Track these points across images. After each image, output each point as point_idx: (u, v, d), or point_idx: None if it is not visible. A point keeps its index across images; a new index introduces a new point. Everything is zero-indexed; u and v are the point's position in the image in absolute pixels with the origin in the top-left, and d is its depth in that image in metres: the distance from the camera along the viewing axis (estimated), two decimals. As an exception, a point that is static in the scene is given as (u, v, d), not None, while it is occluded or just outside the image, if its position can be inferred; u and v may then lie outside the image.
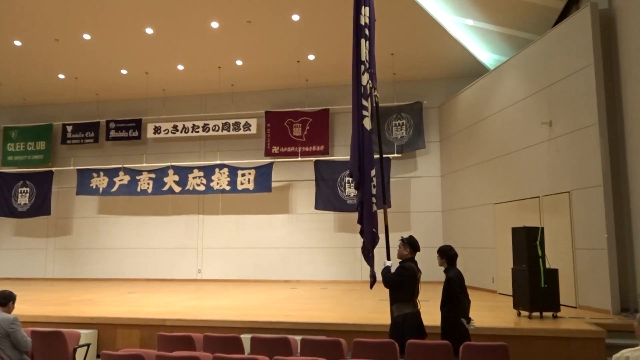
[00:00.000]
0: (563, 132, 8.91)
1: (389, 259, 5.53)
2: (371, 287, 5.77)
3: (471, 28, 11.51)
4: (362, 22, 5.99)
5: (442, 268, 5.63)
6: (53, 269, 15.67)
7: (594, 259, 8.03)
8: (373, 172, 5.76)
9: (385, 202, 5.88)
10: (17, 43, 12.05)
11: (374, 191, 5.73)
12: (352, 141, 5.96)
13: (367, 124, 5.80)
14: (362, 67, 5.89)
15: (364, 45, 5.93)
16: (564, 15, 10.03)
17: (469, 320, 5.30)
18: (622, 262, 7.91)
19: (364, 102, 5.82)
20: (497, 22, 11.00)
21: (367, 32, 5.98)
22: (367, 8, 6.04)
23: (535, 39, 9.98)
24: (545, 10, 10.16)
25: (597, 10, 8.36)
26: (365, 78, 5.87)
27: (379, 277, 5.68)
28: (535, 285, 7.39)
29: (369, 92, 5.87)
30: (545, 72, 9.48)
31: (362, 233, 5.79)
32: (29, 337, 5.31)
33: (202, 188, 14.30)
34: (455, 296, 5.28)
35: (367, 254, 5.75)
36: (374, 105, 5.95)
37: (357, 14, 6.06)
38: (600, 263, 7.89)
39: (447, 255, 5.55)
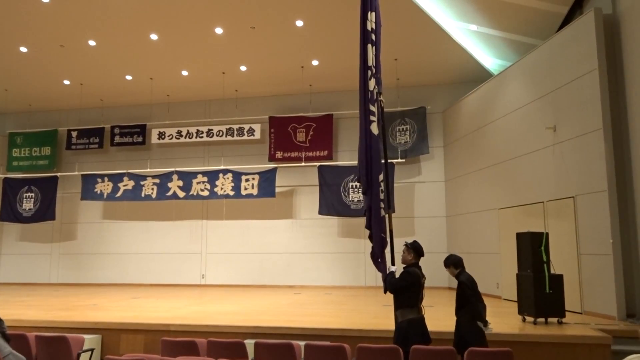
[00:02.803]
0: (567, 137, 8.89)
1: (393, 264, 5.52)
2: (385, 291, 5.74)
3: (475, 33, 11.53)
4: (369, 28, 6.00)
5: (448, 274, 5.62)
6: (57, 274, 15.70)
7: (599, 264, 7.99)
8: (381, 177, 5.75)
9: (389, 207, 5.88)
10: (23, 49, 12.14)
11: (382, 196, 5.73)
12: (359, 146, 5.97)
13: (375, 129, 5.81)
14: (369, 72, 5.89)
15: (371, 50, 5.94)
16: (567, 20, 10.04)
17: (486, 323, 5.30)
18: (627, 267, 7.86)
19: (371, 107, 5.83)
20: (500, 28, 11.01)
21: (373, 37, 5.99)
22: (374, 13, 6.05)
23: (539, 44, 9.98)
24: (549, 16, 10.16)
25: (601, 15, 8.37)
26: (372, 83, 5.87)
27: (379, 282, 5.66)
28: (540, 291, 7.35)
29: (375, 97, 5.88)
30: (549, 77, 9.48)
31: (371, 238, 5.78)
32: None
33: (206, 193, 14.32)
34: (469, 299, 5.28)
35: (377, 259, 5.74)
36: (380, 110, 5.95)
37: (363, 19, 6.07)
38: (605, 268, 7.85)
39: (453, 262, 5.57)
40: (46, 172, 15.79)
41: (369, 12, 6.03)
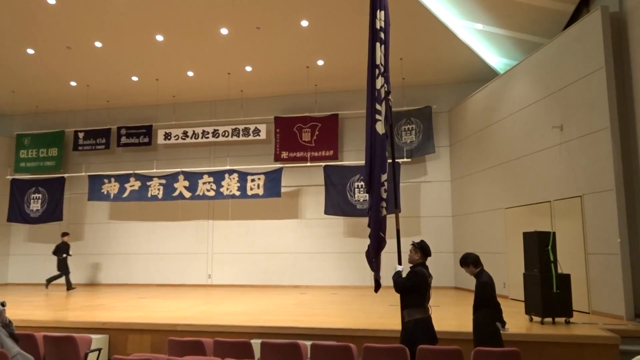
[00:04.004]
0: (574, 136, 8.84)
1: (400, 263, 5.51)
2: (376, 291, 5.76)
3: (480, 32, 11.49)
4: (378, 26, 5.98)
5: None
6: (65, 275, 15.77)
7: (607, 264, 7.94)
8: (384, 177, 5.73)
9: (397, 206, 5.87)
10: (30, 51, 12.22)
11: (384, 195, 5.72)
12: (365, 145, 5.98)
13: (380, 128, 5.79)
14: (377, 71, 5.87)
15: (379, 49, 5.92)
16: (574, 18, 9.99)
17: (504, 324, 5.36)
18: (635, 267, 7.81)
19: (378, 106, 5.81)
20: (506, 26, 10.96)
21: (382, 35, 5.97)
22: (383, 12, 6.03)
23: (545, 43, 9.93)
24: (556, 14, 10.11)
25: (607, 13, 8.31)
26: (379, 82, 5.85)
27: (383, 282, 5.67)
28: (547, 291, 7.31)
29: (383, 95, 5.86)
30: (555, 75, 9.43)
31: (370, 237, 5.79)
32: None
33: (212, 193, 14.36)
34: (492, 300, 5.34)
35: (371, 259, 5.74)
36: (388, 109, 5.93)
37: (372, 17, 6.05)
38: (613, 268, 7.80)
39: (472, 260, 5.61)
40: (53, 173, 15.87)
41: (378, 11, 6.01)
